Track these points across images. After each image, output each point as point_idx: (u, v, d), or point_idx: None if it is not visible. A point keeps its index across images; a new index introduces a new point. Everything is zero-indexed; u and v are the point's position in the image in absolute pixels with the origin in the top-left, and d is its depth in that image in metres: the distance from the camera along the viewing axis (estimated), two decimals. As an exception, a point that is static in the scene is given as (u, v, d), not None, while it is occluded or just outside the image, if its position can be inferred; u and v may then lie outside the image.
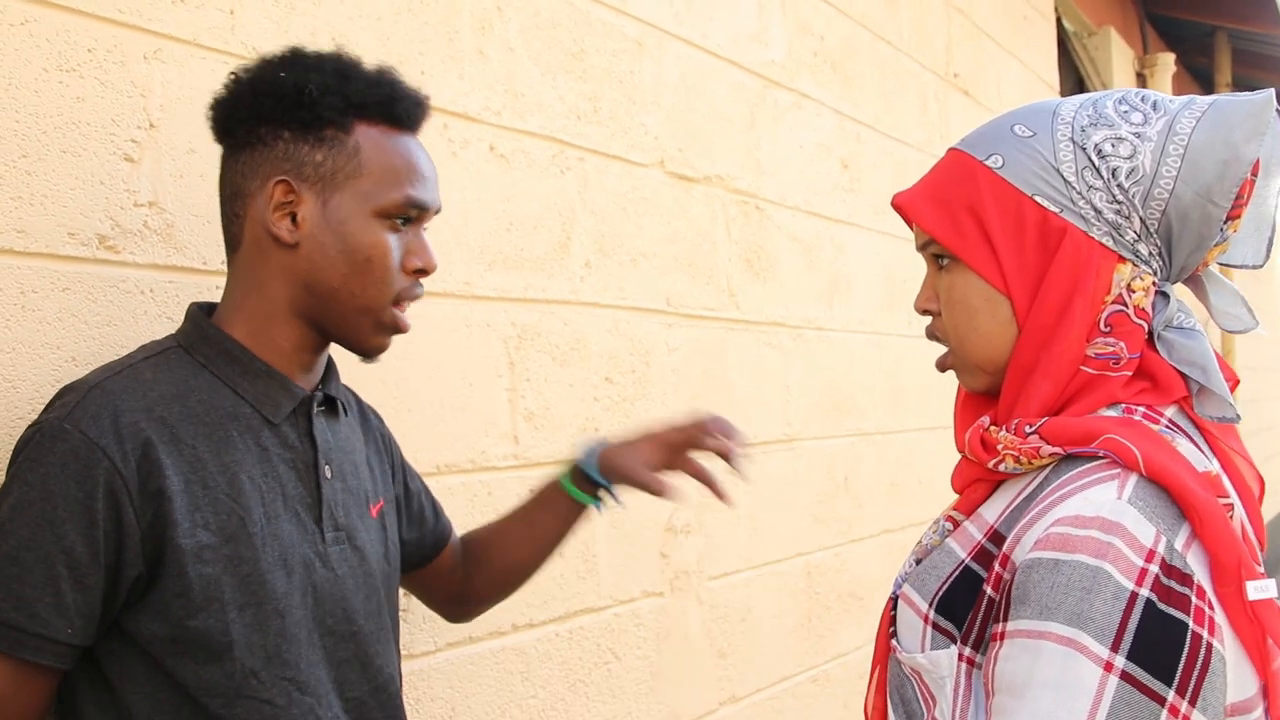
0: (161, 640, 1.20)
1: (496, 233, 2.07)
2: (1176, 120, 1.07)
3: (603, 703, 2.28)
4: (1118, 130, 1.08)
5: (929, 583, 1.12)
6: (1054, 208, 1.08)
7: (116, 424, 1.18)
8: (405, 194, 1.31)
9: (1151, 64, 6.68)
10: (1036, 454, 1.07)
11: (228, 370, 1.29)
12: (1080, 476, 1.03)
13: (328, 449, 1.35)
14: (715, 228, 2.71)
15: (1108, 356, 1.08)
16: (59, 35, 1.40)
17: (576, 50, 2.29)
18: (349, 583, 1.34)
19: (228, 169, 1.32)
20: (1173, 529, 0.98)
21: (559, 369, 2.21)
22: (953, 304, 1.15)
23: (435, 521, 1.65)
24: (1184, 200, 1.06)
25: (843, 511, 3.21)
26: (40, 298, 1.37)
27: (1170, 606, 0.94)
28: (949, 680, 1.06)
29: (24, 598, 1.14)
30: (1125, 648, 0.93)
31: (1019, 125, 1.12)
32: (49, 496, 1.15)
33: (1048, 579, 0.96)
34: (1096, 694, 0.92)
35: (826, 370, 3.19)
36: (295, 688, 1.26)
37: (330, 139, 1.28)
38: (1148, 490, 1.00)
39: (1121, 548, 0.95)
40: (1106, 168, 1.07)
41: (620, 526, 2.34)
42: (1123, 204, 1.07)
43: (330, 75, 1.29)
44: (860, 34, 3.44)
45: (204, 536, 1.21)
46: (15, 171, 1.35)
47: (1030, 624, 0.96)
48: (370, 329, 1.32)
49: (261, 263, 1.30)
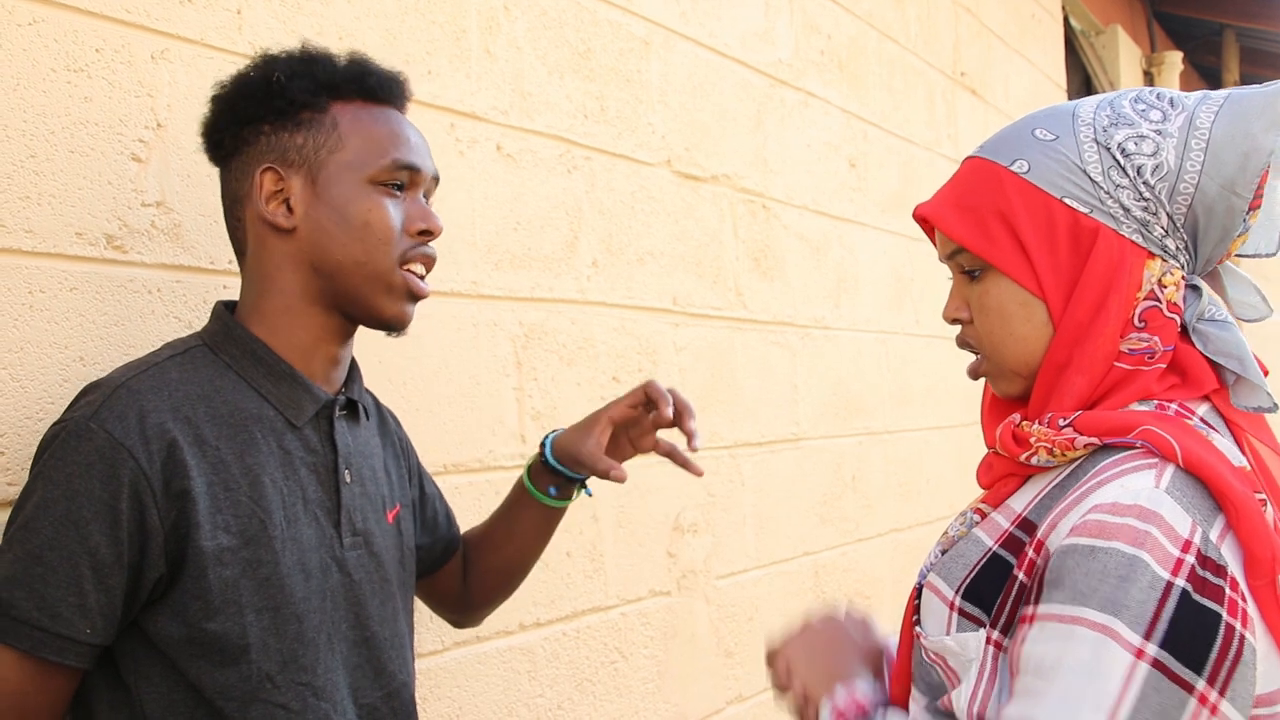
0: (178, 641, 1.19)
1: (504, 232, 2.07)
2: (1196, 115, 1.08)
3: (610, 702, 2.28)
4: (1139, 129, 1.08)
5: (955, 571, 1.12)
6: (1084, 209, 1.08)
7: (142, 424, 1.18)
8: (392, 158, 1.31)
9: (1159, 62, 6.66)
10: (1071, 445, 1.07)
11: (252, 371, 1.29)
12: (1117, 464, 1.03)
13: (348, 453, 1.35)
14: (722, 227, 2.71)
15: (1142, 351, 1.08)
16: (67, 35, 1.40)
17: (584, 49, 2.29)
18: (365, 588, 1.34)
19: (224, 181, 1.34)
20: (1208, 521, 0.98)
21: (566, 368, 2.21)
22: (986, 311, 1.15)
23: (447, 528, 1.64)
24: (1209, 194, 1.06)
25: (850, 511, 3.21)
26: (48, 297, 1.37)
27: (1205, 597, 0.95)
28: (975, 662, 1.07)
29: (47, 598, 1.14)
30: (1159, 636, 0.94)
31: (1040, 129, 1.12)
32: (74, 496, 1.15)
33: (1083, 565, 0.97)
34: (1125, 680, 0.93)
35: (834, 369, 3.18)
36: (311, 692, 1.25)
37: (307, 121, 1.29)
38: (1185, 481, 1.00)
39: (1158, 537, 0.96)
40: (1131, 166, 1.07)
41: (627, 526, 2.34)
42: (1150, 200, 1.07)
43: (296, 62, 1.31)
44: (868, 33, 3.44)
45: (224, 539, 1.20)
46: (23, 171, 1.35)
47: (1063, 609, 0.97)
48: (383, 295, 1.31)
49: (267, 257, 1.31)
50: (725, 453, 2.64)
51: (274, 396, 1.29)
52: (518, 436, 2.09)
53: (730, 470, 2.68)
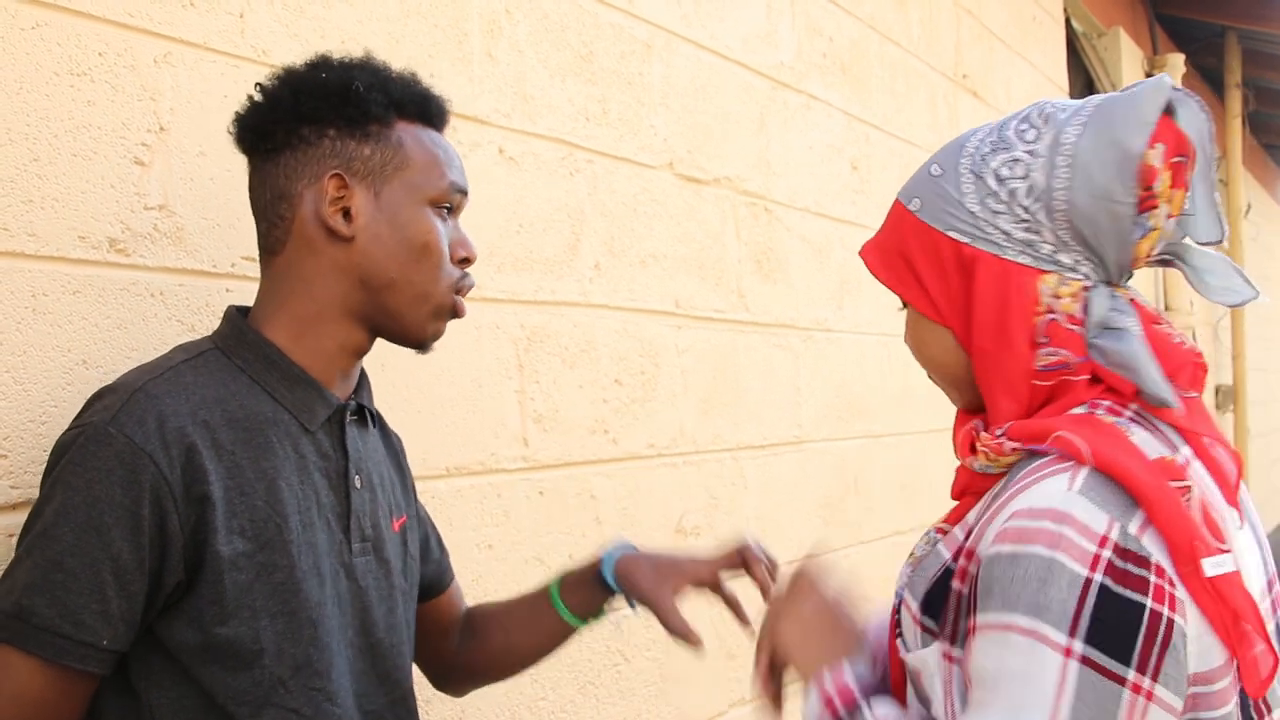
0: (191, 647, 1.19)
1: (506, 235, 2.07)
2: (1063, 132, 1.12)
3: (612, 704, 2.28)
4: (1014, 152, 1.14)
5: (919, 586, 1.17)
6: (965, 239, 1.15)
7: (162, 428, 1.17)
8: (450, 180, 1.33)
9: (1161, 64, 6.65)
10: (1001, 450, 1.12)
11: (266, 375, 1.28)
12: (1034, 471, 1.07)
13: (358, 459, 1.35)
14: (725, 229, 2.71)
15: (1056, 366, 1.13)
16: (69, 39, 1.41)
17: (585, 52, 2.29)
18: (372, 594, 1.34)
19: (266, 174, 1.31)
20: (1126, 515, 1.02)
21: (568, 371, 2.21)
22: (911, 339, 1.25)
23: (440, 556, 1.60)
24: (1083, 206, 1.10)
25: (852, 513, 3.21)
26: (51, 300, 1.37)
27: (1126, 588, 0.99)
28: (937, 677, 1.10)
29: (69, 605, 1.13)
30: (1082, 632, 0.97)
31: (934, 165, 1.21)
32: (95, 502, 1.14)
33: (1007, 572, 1.01)
34: (1060, 680, 0.97)
35: (836, 372, 3.18)
36: (324, 698, 1.25)
37: (375, 134, 1.30)
38: (1098, 480, 1.04)
39: (1073, 536, 1.00)
40: (1005, 190, 1.13)
41: (630, 528, 2.34)
42: (1029, 221, 1.12)
43: (372, 74, 1.32)
44: (869, 35, 3.44)
45: (240, 544, 1.20)
46: (26, 175, 1.35)
47: (996, 617, 1.01)
48: (429, 317, 1.32)
49: (311, 261, 1.29)
50: (728, 455, 2.64)
51: (287, 401, 1.28)
52: (520, 439, 2.09)
53: (733, 473, 2.68)
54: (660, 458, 2.45)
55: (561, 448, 2.18)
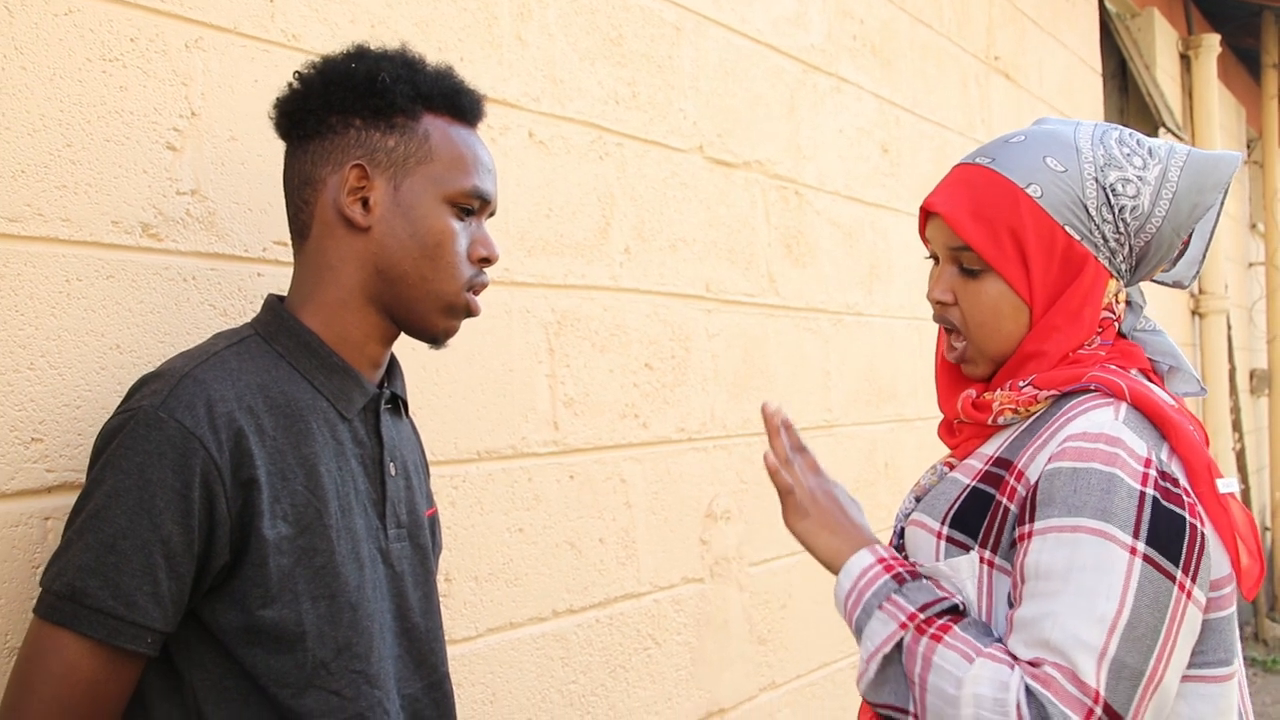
0: (235, 629, 1.20)
1: (536, 219, 2.07)
2: (1168, 168, 1.32)
3: (643, 688, 2.29)
4: (1126, 172, 1.31)
5: (939, 506, 1.33)
6: (1078, 236, 1.30)
7: (211, 413, 1.19)
8: (472, 183, 1.33)
9: (1196, 45, 6.58)
10: (1034, 400, 1.30)
11: (306, 363, 1.30)
12: (1080, 404, 1.26)
13: (393, 446, 1.37)
14: (754, 213, 2.70)
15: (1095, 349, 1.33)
16: (102, 25, 1.41)
17: (615, 35, 2.28)
18: (408, 579, 1.36)
19: (296, 159, 1.34)
20: (1157, 445, 1.23)
21: (599, 355, 2.21)
22: (980, 307, 1.34)
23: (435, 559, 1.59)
24: (1164, 234, 1.33)
25: (883, 497, 3.20)
26: (85, 285, 1.38)
27: (1170, 503, 1.18)
28: (971, 581, 1.27)
29: (122, 586, 1.15)
30: (1145, 536, 1.16)
31: (1050, 158, 1.31)
32: (146, 485, 1.16)
33: (1070, 483, 1.18)
34: (1127, 573, 1.15)
35: (866, 356, 3.17)
36: (365, 680, 1.26)
37: (401, 126, 1.31)
38: (1134, 415, 1.24)
39: (1125, 457, 1.19)
40: (1117, 203, 1.30)
41: (660, 513, 2.34)
42: (1122, 234, 1.31)
43: (400, 65, 1.32)
44: (900, 17, 3.41)
45: (283, 527, 1.22)
46: (60, 160, 1.36)
47: (1062, 520, 1.18)
48: (439, 314, 1.33)
49: (333, 247, 1.31)
50: (758, 439, 2.63)
51: (326, 388, 1.30)
52: (550, 423, 2.09)
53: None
54: (690, 442, 2.45)
55: (592, 432, 2.18)
